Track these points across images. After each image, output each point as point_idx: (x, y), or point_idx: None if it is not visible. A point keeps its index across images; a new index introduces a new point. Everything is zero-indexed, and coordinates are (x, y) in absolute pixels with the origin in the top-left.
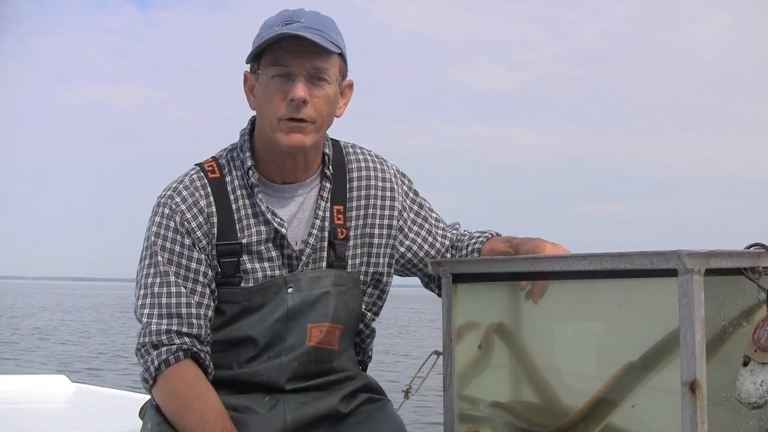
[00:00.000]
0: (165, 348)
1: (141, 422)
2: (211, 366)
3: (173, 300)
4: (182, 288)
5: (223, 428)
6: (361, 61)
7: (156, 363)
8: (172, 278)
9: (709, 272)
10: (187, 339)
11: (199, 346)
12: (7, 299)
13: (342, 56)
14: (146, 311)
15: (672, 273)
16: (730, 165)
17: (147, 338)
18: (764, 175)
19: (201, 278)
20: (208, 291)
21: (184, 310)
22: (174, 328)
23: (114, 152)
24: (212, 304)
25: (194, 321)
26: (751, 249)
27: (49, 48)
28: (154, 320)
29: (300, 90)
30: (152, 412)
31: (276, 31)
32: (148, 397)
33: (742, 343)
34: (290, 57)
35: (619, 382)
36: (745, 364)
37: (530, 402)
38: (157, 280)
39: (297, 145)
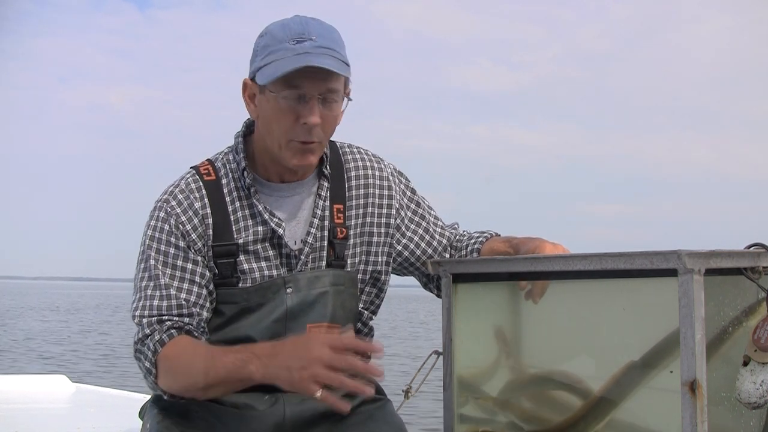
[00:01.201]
0: (157, 331)
1: (141, 422)
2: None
3: (165, 303)
4: (173, 290)
5: (230, 347)
6: (361, 61)
7: (152, 347)
8: (165, 281)
9: (709, 272)
10: (179, 322)
11: (191, 328)
12: (5, 299)
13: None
14: (138, 313)
15: (672, 273)
16: (730, 165)
17: (141, 334)
18: (764, 175)
19: (197, 278)
20: (204, 292)
21: (175, 312)
22: (165, 318)
23: (113, 152)
24: (208, 305)
25: (186, 319)
26: (751, 249)
27: (49, 48)
28: (145, 321)
29: (315, 116)
30: (152, 412)
31: (291, 50)
32: (148, 397)
33: (742, 343)
34: (304, 79)
35: (619, 382)
36: (745, 364)
37: (530, 402)
38: (151, 283)
39: (305, 165)
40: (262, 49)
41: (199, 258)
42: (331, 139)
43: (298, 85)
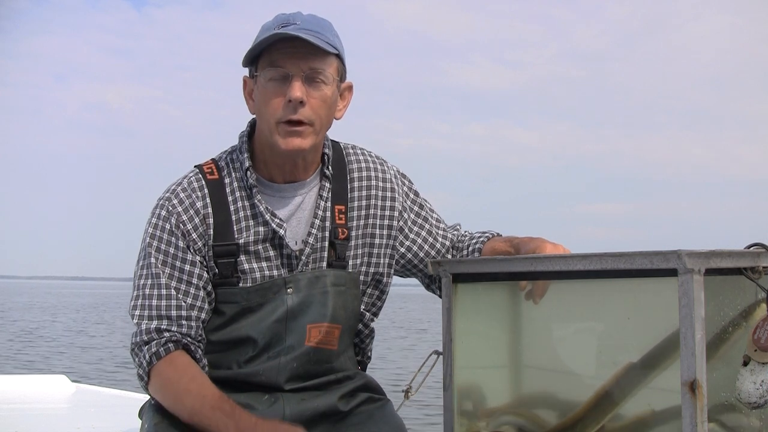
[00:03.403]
0: (155, 342)
1: (140, 422)
2: (204, 361)
3: (163, 302)
4: (173, 290)
5: (222, 400)
6: (357, 60)
7: (147, 357)
8: (164, 280)
9: (709, 272)
10: (177, 334)
11: (189, 340)
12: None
13: (340, 58)
14: (137, 312)
15: (672, 273)
16: (729, 165)
17: (138, 338)
18: (763, 175)
19: (195, 280)
20: (202, 293)
21: (174, 313)
22: (164, 327)
23: (110, 151)
24: (206, 306)
25: (184, 322)
26: (751, 249)
27: (45, 47)
28: (144, 321)
29: (297, 90)
30: (150, 413)
31: (272, 33)
32: (148, 397)
33: (742, 343)
34: (286, 58)
35: (619, 382)
36: (745, 364)
37: (530, 402)
38: (149, 282)
39: (295, 149)
40: (254, 42)
41: (198, 258)
42: (334, 139)
43: (281, 65)
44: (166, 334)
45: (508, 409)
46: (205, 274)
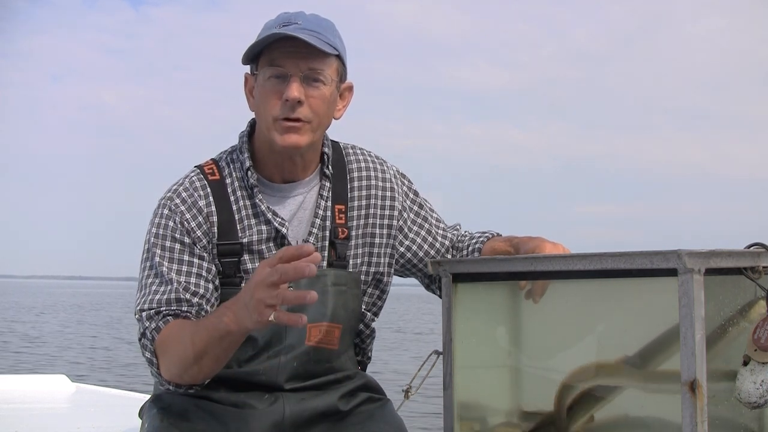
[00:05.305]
0: (154, 321)
1: (140, 422)
2: None
3: (164, 297)
4: (179, 285)
5: (214, 310)
6: (356, 61)
7: (150, 336)
8: (171, 276)
9: (709, 272)
10: (177, 311)
11: (190, 316)
12: None
13: (340, 59)
14: (139, 308)
15: (672, 273)
16: (728, 165)
17: (142, 328)
18: (760, 174)
19: (204, 273)
20: (211, 286)
21: (173, 296)
22: (163, 309)
23: (108, 152)
24: (213, 300)
25: (185, 305)
26: (751, 249)
27: (41, 46)
28: (145, 314)
29: (294, 90)
30: (151, 412)
31: (273, 32)
32: (148, 396)
33: (742, 343)
34: (286, 58)
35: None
36: (745, 363)
37: (530, 401)
38: (157, 280)
39: (292, 145)
40: (257, 36)
41: (205, 254)
42: (334, 139)
43: (280, 64)
44: (165, 311)
45: (508, 409)
46: (213, 268)
